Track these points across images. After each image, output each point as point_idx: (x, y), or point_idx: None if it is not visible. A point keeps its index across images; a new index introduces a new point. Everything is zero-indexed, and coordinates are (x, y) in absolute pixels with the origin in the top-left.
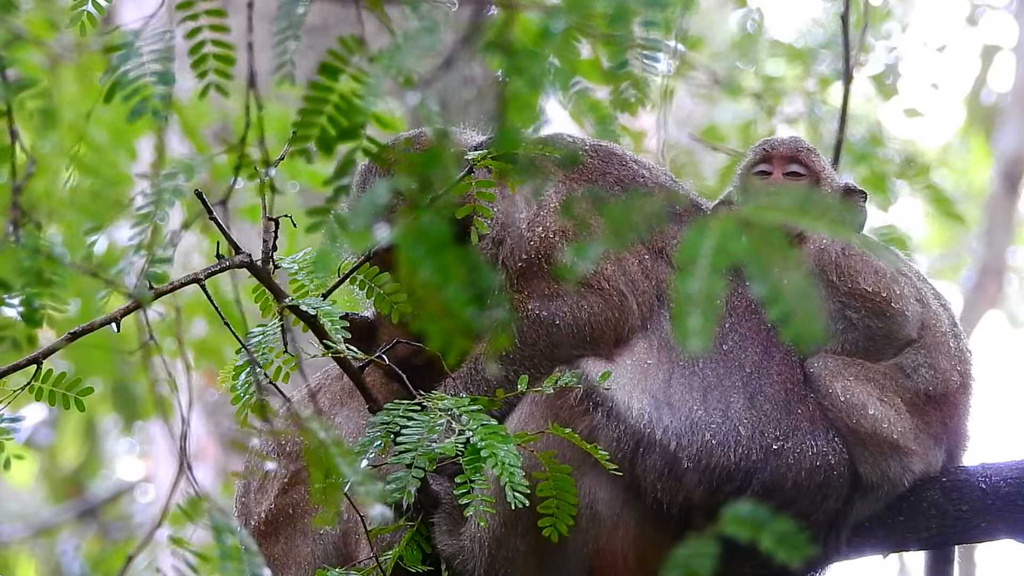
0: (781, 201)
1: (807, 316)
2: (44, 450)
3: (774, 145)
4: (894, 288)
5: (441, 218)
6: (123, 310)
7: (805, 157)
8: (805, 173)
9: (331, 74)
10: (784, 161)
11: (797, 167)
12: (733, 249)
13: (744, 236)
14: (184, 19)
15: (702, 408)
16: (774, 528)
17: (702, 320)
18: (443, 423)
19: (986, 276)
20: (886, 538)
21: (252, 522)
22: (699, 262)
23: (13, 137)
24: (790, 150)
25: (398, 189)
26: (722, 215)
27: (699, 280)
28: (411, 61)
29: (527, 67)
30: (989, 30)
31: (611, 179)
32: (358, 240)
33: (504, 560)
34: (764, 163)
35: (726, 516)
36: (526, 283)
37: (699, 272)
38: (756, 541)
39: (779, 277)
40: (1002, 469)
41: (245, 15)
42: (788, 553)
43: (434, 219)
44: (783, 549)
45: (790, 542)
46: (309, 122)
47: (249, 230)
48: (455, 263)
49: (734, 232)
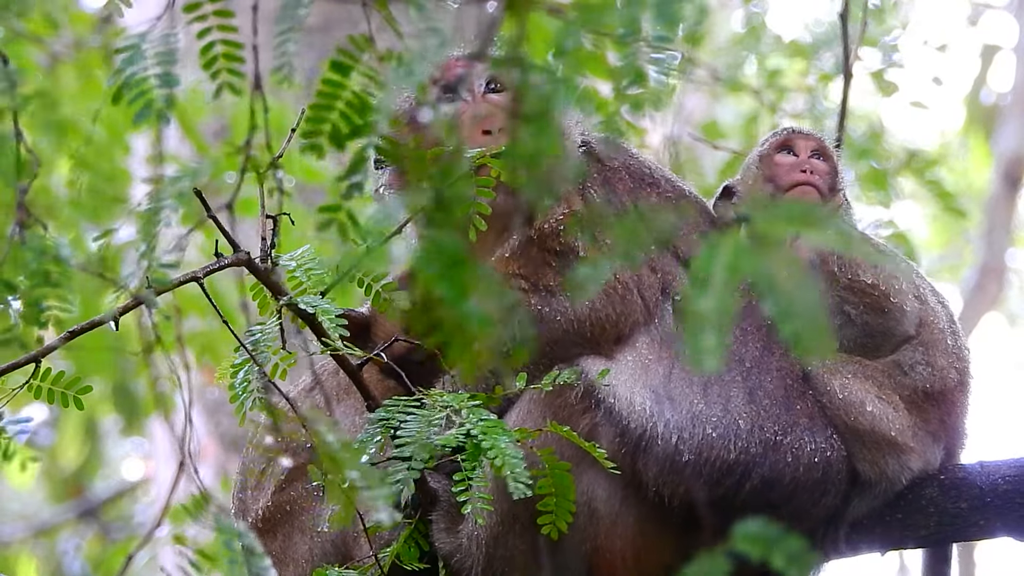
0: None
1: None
2: (45, 450)
3: (799, 130)
4: (893, 284)
5: (457, 233)
6: (122, 308)
7: (827, 147)
8: (827, 162)
9: (342, 71)
10: (809, 148)
11: (820, 158)
12: (745, 266)
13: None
14: (192, 20)
15: (703, 402)
16: (785, 546)
17: (715, 338)
18: (442, 418)
19: (986, 276)
20: (884, 536)
21: (249, 519)
22: (713, 280)
23: (18, 137)
24: (816, 138)
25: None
26: (733, 232)
27: (712, 298)
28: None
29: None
30: (989, 30)
31: (619, 167)
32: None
33: (502, 558)
34: (789, 145)
35: (737, 533)
36: (530, 275)
37: (713, 290)
38: (767, 559)
39: (791, 295)
40: (1000, 467)
41: (247, 17)
42: (799, 571)
43: (449, 236)
44: (794, 568)
45: (801, 561)
46: (320, 118)
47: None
48: (471, 279)
49: (746, 250)
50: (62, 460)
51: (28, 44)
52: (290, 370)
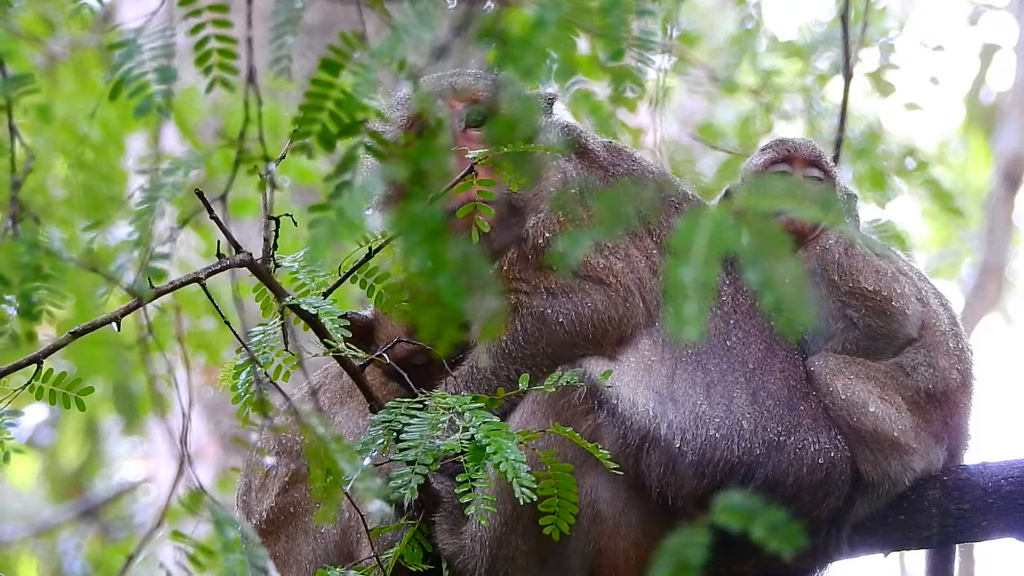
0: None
1: (796, 301)
2: (45, 450)
3: (796, 147)
4: (895, 287)
5: (433, 206)
6: (124, 308)
7: (823, 162)
8: (823, 178)
9: (332, 70)
10: (804, 164)
11: (816, 171)
12: (727, 238)
13: (739, 225)
14: (187, 15)
15: (706, 403)
16: (765, 518)
17: (695, 308)
18: (445, 420)
19: (986, 276)
20: (887, 537)
21: (253, 521)
22: (693, 250)
23: (12, 132)
24: (811, 154)
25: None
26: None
27: (693, 268)
28: (406, 50)
29: (521, 57)
30: (989, 30)
31: (621, 171)
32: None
33: (505, 559)
34: (783, 164)
35: (717, 506)
36: (532, 278)
37: (693, 260)
38: (747, 531)
39: (773, 266)
40: (1003, 468)
41: (243, 13)
42: (779, 543)
43: (426, 207)
44: (774, 539)
45: (781, 532)
46: (311, 118)
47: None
48: (447, 251)
49: (728, 221)
50: (62, 460)
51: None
52: (294, 372)
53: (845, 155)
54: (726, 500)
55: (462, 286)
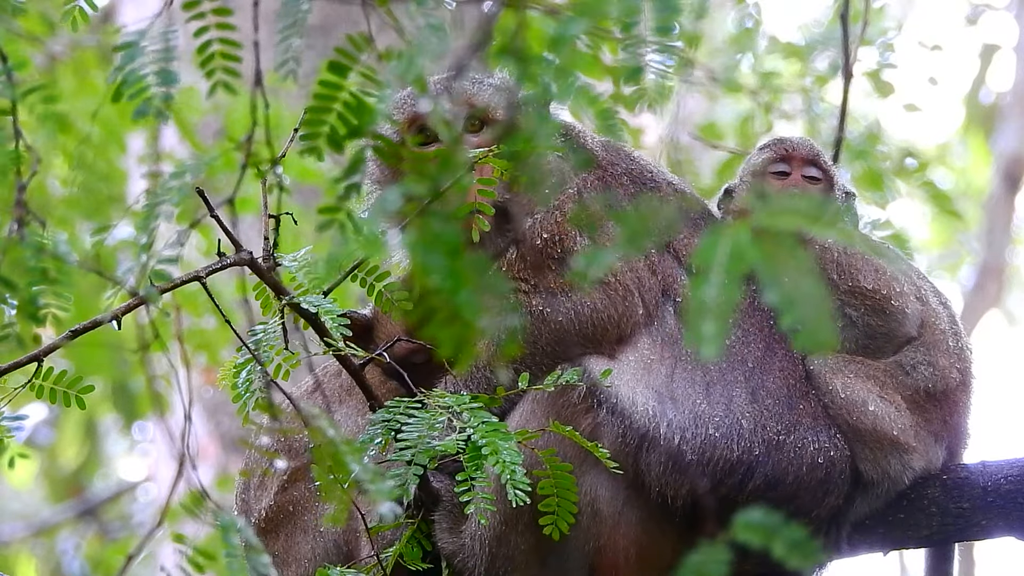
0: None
1: (820, 324)
2: (44, 450)
3: (794, 146)
4: (894, 286)
5: (452, 223)
6: (125, 307)
7: (822, 161)
8: (821, 177)
9: (340, 72)
10: (803, 164)
11: (814, 171)
12: (748, 256)
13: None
14: (191, 18)
15: (705, 402)
16: (786, 535)
17: (716, 327)
18: (443, 420)
19: (986, 276)
20: (886, 535)
21: (252, 519)
22: (714, 269)
23: (17, 135)
24: (810, 153)
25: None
26: (737, 222)
27: (714, 287)
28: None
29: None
30: (988, 30)
31: (620, 171)
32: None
33: (505, 558)
34: (782, 163)
35: (738, 522)
36: (531, 277)
37: (714, 279)
38: (768, 548)
39: (793, 285)
40: (1003, 467)
41: (247, 15)
42: (800, 560)
43: (445, 224)
44: (795, 556)
45: (802, 549)
46: (318, 120)
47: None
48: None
49: (749, 239)
50: (61, 460)
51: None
52: (293, 371)
53: (844, 156)
54: (745, 516)
55: (481, 304)
